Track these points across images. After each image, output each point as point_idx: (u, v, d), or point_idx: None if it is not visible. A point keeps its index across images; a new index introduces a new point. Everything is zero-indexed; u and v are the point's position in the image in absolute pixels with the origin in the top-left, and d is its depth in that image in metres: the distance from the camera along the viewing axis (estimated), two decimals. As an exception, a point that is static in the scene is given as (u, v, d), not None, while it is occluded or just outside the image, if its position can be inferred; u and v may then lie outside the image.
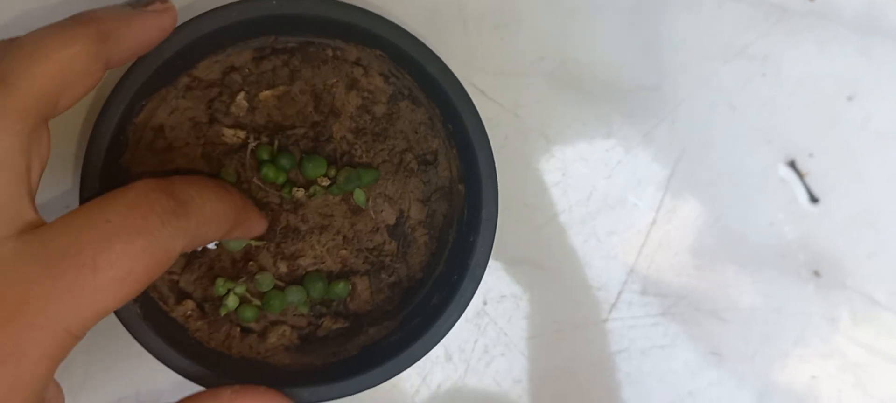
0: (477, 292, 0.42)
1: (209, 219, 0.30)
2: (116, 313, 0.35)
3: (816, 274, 0.51)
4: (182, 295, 0.38)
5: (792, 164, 0.50)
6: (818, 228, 0.51)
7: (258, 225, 0.35)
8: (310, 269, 0.39)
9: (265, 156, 0.37)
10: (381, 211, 0.39)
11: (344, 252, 0.39)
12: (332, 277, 0.39)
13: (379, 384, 0.36)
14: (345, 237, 0.39)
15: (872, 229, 0.51)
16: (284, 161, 0.37)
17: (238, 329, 0.38)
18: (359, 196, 0.37)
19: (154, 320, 0.36)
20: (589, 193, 0.50)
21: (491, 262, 0.49)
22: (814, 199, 0.50)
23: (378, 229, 0.39)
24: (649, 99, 0.50)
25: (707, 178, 0.50)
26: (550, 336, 0.51)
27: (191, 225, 0.28)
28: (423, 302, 0.39)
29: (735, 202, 0.50)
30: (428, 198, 0.39)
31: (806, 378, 0.52)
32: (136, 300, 0.35)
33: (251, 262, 0.38)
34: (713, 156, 0.50)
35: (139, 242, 0.25)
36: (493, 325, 0.50)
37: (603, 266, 0.50)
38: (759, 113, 0.50)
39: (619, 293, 0.50)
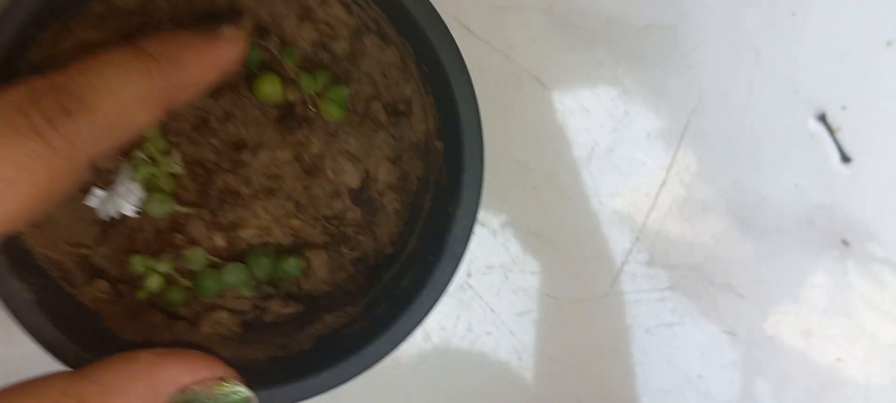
0: (460, 263, 0.34)
1: (123, 107, 0.24)
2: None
3: (845, 243, 0.44)
4: (94, 273, 0.30)
5: (822, 118, 0.43)
6: (849, 191, 0.44)
7: (224, 54, 0.28)
8: (253, 242, 0.31)
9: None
10: (342, 172, 0.31)
11: (296, 221, 0.31)
12: (281, 251, 0.32)
13: (335, 387, 0.29)
14: (297, 203, 0.31)
15: (911, 192, 0.44)
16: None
17: (162, 315, 0.31)
18: (333, 108, 0.29)
19: (53, 307, 0.28)
20: (590, 149, 0.43)
21: (476, 229, 0.42)
22: (845, 159, 0.44)
23: (338, 193, 0.32)
24: (662, 40, 0.43)
25: (726, 133, 0.43)
26: (544, 312, 0.44)
27: (94, 122, 0.24)
28: (391, 284, 0.31)
29: (757, 161, 0.44)
30: (399, 157, 0.32)
31: (830, 361, 0.45)
32: (30, 283, 0.27)
33: (178, 234, 0.30)
34: (733, 107, 0.43)
35: (20, 147, 0.22)
36: (478, 300, 0.43)
37: (605, 233, 0.43)
38: (786, 59, 0.43)
39: (623, 263, 0.43)
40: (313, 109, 0.31)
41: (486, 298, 0.44)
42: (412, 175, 0.32)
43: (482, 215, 0.43)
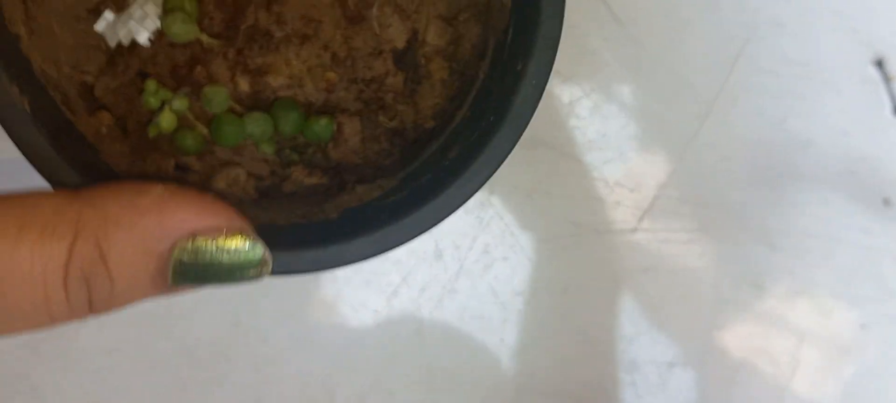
0: (525, 127, 0.30)
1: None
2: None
3: (887, 202, 0.41)
4: (97, 106, 0.26)
5: (880, 64, 0.40)
6: (897, 146, 0.41)
7: None
8: (281, 93, 0.27)
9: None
10: (389, 26, 0.27)
11: (331, 75, 0.27)
12: (311, 109, 0.27)
13: (367, 258, 0.24)
14: (334, 55, 0.27)
15: (961, 155, 0.41)
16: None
17: (172, 162, 0.26)
18: None
19: (50, 125, 0.23)
20: (637, 65, 0.39)
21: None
22: (899, 111, 0.41)
23: (381, 52, 0.27)
24: (723, -43, 0.39)
25: (778, 66, 0.40)
26: (566, 240, 0.40)
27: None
28: (434, 158, 0.27)
29: (806, 101, 0.40)
30: (454, 17, 0.28)
31: (854, 327, 0.42)
32: (22, 91, 0.23)
33: (199, 67, 0.26)
34: (788, 39, 0.40)
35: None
36: (498, 220, 0.40)
37: (640, 160, 0.40)
38: (850, -6, 0.40)
39: (655, 198, 0.40)
40: None
41: (507, 220, 0.40)
42: (466, 40, 0.28)
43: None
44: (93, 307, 0.20)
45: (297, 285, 0.39)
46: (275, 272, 0.24)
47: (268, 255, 0.22)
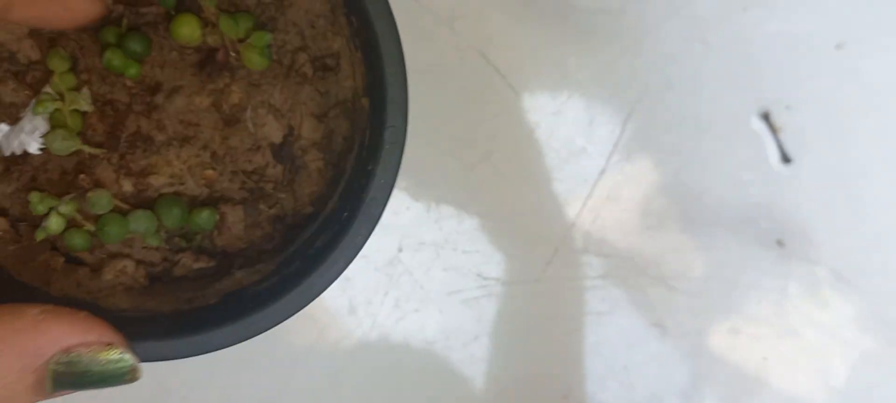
0: (391, 236, 0.33)
1: None
2: None
3: (780, 243, 0.43)
4: None
5: (766, 117, 0.42)
6: (787, 192, 0.43)
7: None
8: (164, 191, 0.29)
9: (111, 39, 0.28)
10: (264, 125, 0.30)
11: (210, 172, 0.29)
12: (195, 203, 0.30)
13: (237, 342, 0.27)
14: (214, 154, 0.29)
15: (847, 197, 0.43)
16: (135, 44, 0.27)
17: (62, 259, 0.29)
18: (255, 55, 0.28)
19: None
20: (531, 130, 0.42)
21: (410, 203, 0.41)
22: (786, 159, 0.43)
23: (259, 148, 0.30)
24: (611, 24, 0.42)
25: (668, 124, 0.42)
26: (474, 292, 0.42)
27: None
28: (306, 243, 0.29)
29: (697, 154, 0.43)
30: (325, 114, 0.30)
31: (757, 359, 0.45)
32: None
33: (83, 175, 0.28)
34: (678, 98, 0.42)
35: None
36: (407, 276, 0.42)
37: (541, 216, 0.42)
38: (735, 53, 0.43)
39: (557, 249, 0.42)
40: (235, 56, 0.29)
41: (417, 275, 0.42)
42: (338, 134, 0.30)
43: (417, 191, 0.42)
44: None
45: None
46: (151, 359, 0.26)
47: (136, 363, 0.25)
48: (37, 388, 0.23)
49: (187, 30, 0.27)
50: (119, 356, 0.24)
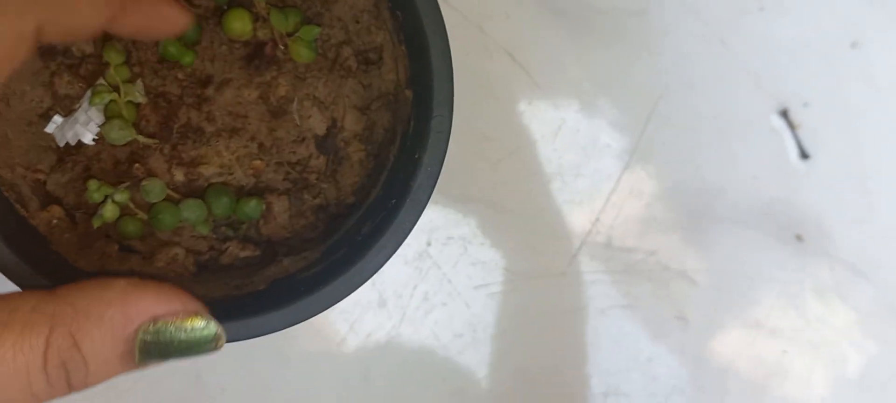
0: (420, 230, 0.34)
1: None
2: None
3: (799, 237, 0.44)
4: (49, 200, 0.29)
5: (784, 114, 0.43)
6: (805, 187, 0.44)
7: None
8: (213, 181, 0.30)
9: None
10: (309, 117, 0.30)
11: (258, 162, 0.30)
12: (242, 193, 0.31)
13: (288, 326, 0.28)
14: (261, 145, 0.30)
15: (864, 193, 0.44)
16: (190, 32, 0.28)
17: (116, 247, 0.29)
18: (303, 48, 0.28)
19: (5, 227, 0.27)
20: (557, 127, 0.43)
21: (438, 198, 0.42)
22: (804, 155, 0.44)
23: (303, 139, 0.31)
24: (632, 25, 0.43)
25: (689, 122, 0.43)
26: (500, 286, 0.43)
27: None
28: (351, 232, 0.30)
29: (718, 151, 0.43)
30: (367, 106, 0.31)
31: (776, 353, 0.45)
32: None
33: (137, 165, 0.29)
34: (698, 97, 0.43)
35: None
36: (436, 270, 0.43)
37: (566, 211, 0.43)
38: (753, 52, 0.43)
39: (581, 243, 0.43)
40: (283, 50, 0.30)
41: (444, 268, 0.43)
42: (379, 126, 0.31)
43: (445, 186, 0.42)
44: (71, 387, 0.24)
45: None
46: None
47: (220, 331, 0.25)
48: (127, 358, 0.24)
49: (240, 24, 0.28)
50: (204, 324, 0.25)
